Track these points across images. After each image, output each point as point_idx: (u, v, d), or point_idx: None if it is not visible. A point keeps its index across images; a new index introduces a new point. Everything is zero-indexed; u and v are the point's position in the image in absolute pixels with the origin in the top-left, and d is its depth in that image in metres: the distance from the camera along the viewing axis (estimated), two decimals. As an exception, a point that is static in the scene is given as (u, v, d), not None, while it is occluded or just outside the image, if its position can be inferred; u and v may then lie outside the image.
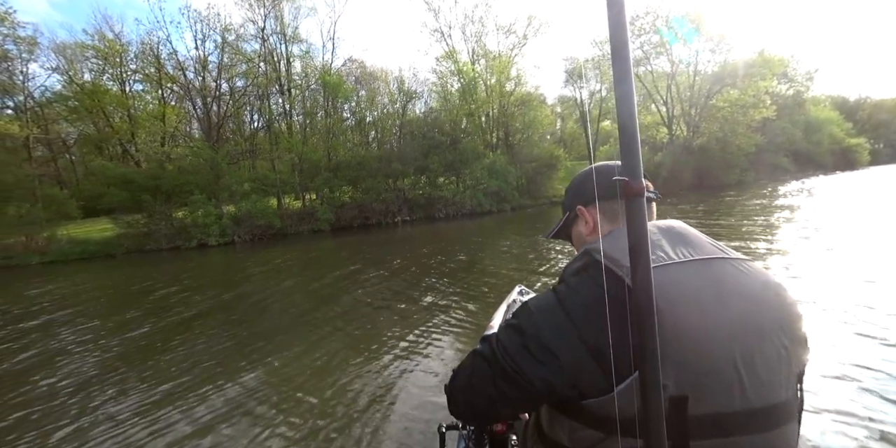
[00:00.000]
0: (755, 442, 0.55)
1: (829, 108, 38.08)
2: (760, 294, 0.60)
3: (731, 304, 0.57)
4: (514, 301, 2.08)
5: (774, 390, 0.57)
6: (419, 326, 3.92)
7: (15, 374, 3.64)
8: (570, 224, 0.83)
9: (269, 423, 2.48)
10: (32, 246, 13.35)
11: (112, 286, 8.01)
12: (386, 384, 2.84)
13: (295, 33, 20.63)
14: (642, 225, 0.49)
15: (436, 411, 2.42)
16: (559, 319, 0.60)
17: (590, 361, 0.56)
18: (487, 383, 0.65)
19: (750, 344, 0.56)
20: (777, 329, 0.58)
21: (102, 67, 22.84)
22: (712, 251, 0.63)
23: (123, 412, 2.75)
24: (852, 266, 4.45)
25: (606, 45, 24.27)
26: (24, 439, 2.53)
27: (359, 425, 2.37)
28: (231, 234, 14.71)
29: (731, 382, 0.55)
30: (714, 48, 23.02)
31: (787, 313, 0.60)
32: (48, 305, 6.55)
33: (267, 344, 3.85)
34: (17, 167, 14.74)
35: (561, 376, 0.58)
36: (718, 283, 0.59)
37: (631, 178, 0.49)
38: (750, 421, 0.55)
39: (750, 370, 0.55)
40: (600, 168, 0.75)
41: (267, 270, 8.34)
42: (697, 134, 23.52)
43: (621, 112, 0.49)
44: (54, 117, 24.38)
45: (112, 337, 4.51)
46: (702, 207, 12.38)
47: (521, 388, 0.61)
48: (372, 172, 17.33)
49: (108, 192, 15.80)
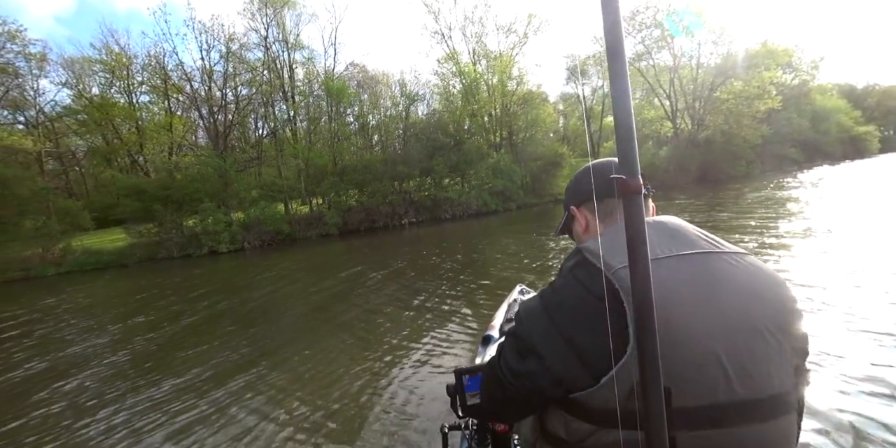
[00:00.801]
0: (747, 433, 0.56)
1: (837, 96, 37.45)
2: (752, 288, 0.60)
3: (718, 298, 0.58)
4: (515, 300, 2.11)
5: (764, 383, 0.57)
6: (422, 327, 3.98)
7: (37, 376, 3.77)
8: (570, 222, 0.85)
9: (272, 421, 2.52)
10: (48, 258, 13.64)
11: (126, 294, 8.19)
12: (389, 384, 2.86)
13: (297, 40, 20.85)
14: (640, 223, 0.49)
15: (438, 411, 2.42)
16: (543, 322, 0.62)
17: (572, 357, 0.58)
18: (496, 388, 0.69)
19: (737, 337, 0.56)
20: (769, 323, 0.58)
21: (110, 81, 23.29)
22: (704, 246, 0.63)
23: (141, 403, 2.93)
24: (854, 257, 4.43)
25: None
26: (50, 433, 2.65)
27: (361, 425, 2.38)
28: (241, 240, 14.90)
29: (715, 375, 0.55)
30: (716, 40, 22.80)
31: (781, 307, 0.60)
32: (67, 314, 6.72)
33: (273, 346, 3.94)
34: (32, 181, 15.09)
35: (547, 377, 0.60)
36: (706, 277, 0.59)
37: (628, 175, 0.48)
38: (738, 413, 0.56)
39: (736, 363, 0.55)
40: (596, 166, 0.76)
41: (276, 275, 8.47)
42: (702, 127, 23.31)
43: (618, 110, 0.48)
44: (64, 131, 24.91)
45: (126, 342, 4.67)
46: (701, 201, 12.32)
47: (518, 391, 0.64)
48: (378, 176, 17.45)
49: (120, 202, 16.11)
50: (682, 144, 22.95)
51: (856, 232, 5.63)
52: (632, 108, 0.49)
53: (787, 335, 0.59)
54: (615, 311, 0.55)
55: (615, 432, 0.56)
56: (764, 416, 0.57)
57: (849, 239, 5.30)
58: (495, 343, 1.62)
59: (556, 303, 0.63)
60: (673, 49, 23.11)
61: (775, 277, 0.63)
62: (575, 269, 0.65)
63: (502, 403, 0.70)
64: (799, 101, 29.49)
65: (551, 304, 0.63)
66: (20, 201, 13.42)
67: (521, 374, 0.63)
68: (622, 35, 0.48)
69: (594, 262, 0.60)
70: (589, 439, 0.60)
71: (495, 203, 18.43)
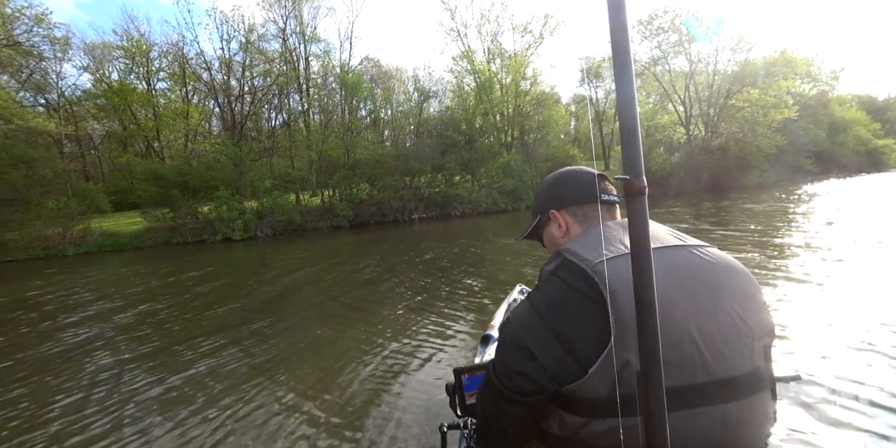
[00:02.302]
0: (726, 411, 0.59)
1: (856, 108, 36.95)
2: (715, 275, 0.65)
3: (685, 285, 0.62)
4: (515, 300, 2.14)
5: (737, 362, 0.60)
6: (421, 324, 3.99)
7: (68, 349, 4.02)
8: (541, 226, 0.87)
9: (266, 414, 2.53)
10: (68, 238, 14.05)
11: (147, 275, 8.47)
12: (387, 382, 2.85)
13: (314, 33, 21.05)
14: (644, 224, 0.49)
15: (438, 410, 2.41)
16: (532, 320, 0.65)
17: (561, 351, 0.61)
18: (495, 402, 0.70)
19: (707, 320, 0.60)
20: (736, 306, 0.63)
21: (130, 66, 23.71)
22: (669, 240, 0.69)
23: (154, 386, 3.05)
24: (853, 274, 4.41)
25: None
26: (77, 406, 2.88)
27: (360, 424, 2.36)
28: (254, 228, 15.22)
29: (691, 356, 0.58)
30: (735, 47, 22.64)
31: (744, 292, 0.65)
32: (92, 291, 7.03)
33: (274, 338, 3.97)
34: (55, 163, 15.51)
35: (541, 372, 0.62)
36: (673, 267, 0.64)
37: (633, 176, 0.49)
38: (715, 392, 0.59)
39: (709, 344, 0.59)
40: (574, 171, 0.80)
41: (288, 263, 8.70)
42: (716, 134, 23.19)
43: (623, 112, 0.49)
44: (83, 115, 25.42)
45: (141, 323, 4.88)
46: (694, 211, 12.27)
47: (514, 394, 0.65)
48: (390, 170, 17.66)
49: (138, 186, 16.49)
50: (695, 151, 22.86)
51: (863, 250, 5.55)
52: (637, 112, 0.50)
53: (754, 317, 0.63)
54: (596, 303, 0.59)
55: (606, 421, 0.59)
56: (738, 395, 0.60)
57: (853, 254, 5.29)
58: (494, 343, 1.64)
59: (542, 301, 0.66)
60: (690, 55, 23.00)
61: (738, 266, 0.68)
62: (557, 270, 0.67)
63: (497, 415, 0.71)
64: (816, 112, 29.15)
65: (537, 303, 0.66)
66: (44, 182, 13.83)
67: (515, 374, 0.65)
68: (628, 38, 0.49)
69: (574, 260, 0.65)
70: (581, 431, 0.62)
71: (505, 202, 18.58)
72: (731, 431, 0.60)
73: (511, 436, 0.74)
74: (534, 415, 0.68)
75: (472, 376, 0.96)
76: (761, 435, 0.63)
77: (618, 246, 0.65)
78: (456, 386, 0.97)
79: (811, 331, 2.99)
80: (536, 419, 0.69)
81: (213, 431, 2.41)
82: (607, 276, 0.59)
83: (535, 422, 0.69)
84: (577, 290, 0.62)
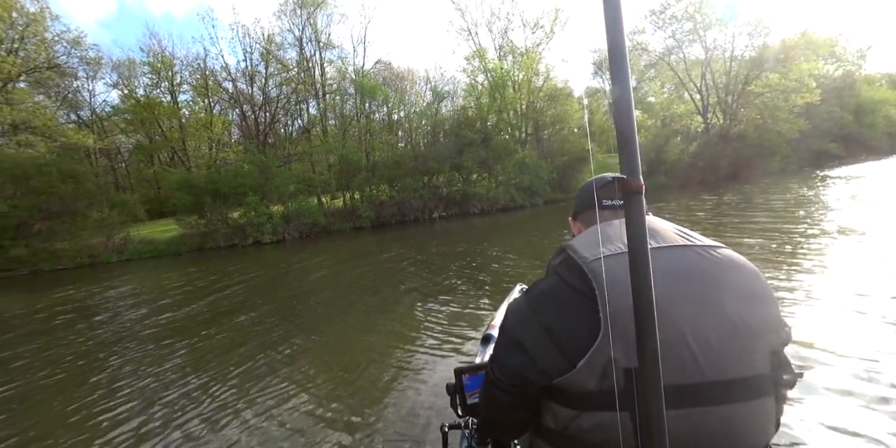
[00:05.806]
0: (722, 413, 0.58)
1: (886, 87, 35.33)
2: (717, 275, 0.63)
3: (684, 285, 0.61)
4: (515, 299, 2.27)
5: (736, 365, 0.59)
6: (427, 323, 4.07)
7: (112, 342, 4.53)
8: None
9: (264, 413, 2.61)
10: (111, 246, 15.00)
11: (192, 278, 9.09)
12: (388, 381, 2.89)
13: (328, 40, 21.63)
14: (641, 223, 0.49)
15: (438, 410, 2.43)
16: (525, 315, 0.67)
17: (551, 345, 0.62)
18: (492, 395, 0.73)
19: (703, 321, 0.59)
20: (739, 309, 0.61)
21: (156, 81, 24.85)
22: (675, 240, 0.68)
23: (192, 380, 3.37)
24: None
25: (634, 36, 23.99)
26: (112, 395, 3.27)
27: (359, 423, 2.39)
28: (282, 232, 15.89)
29: (681, 356, 0.57)
30: (752, 32, 22.13)
31: (751, 295, 0.63)
32: (138, 295, 7.65)
33: (287, 335, 4.20)
34: (96, 177, 16.55)
35: (533, 367, 0.63)
36: (673, 266, 0.63)
37: (629, 176, 0.49)
38: (710, 393, 0.58)
39: (704, 345, 0.58)
40: (591, 180, 0.80)
41: (311, 264, 9.24)
42: (735, 121, 22.73)
43: (618, 113, 0.49)
44: (112, 129, 26.79)
45: (179, 319, 5.35)
46: (711, 203, 12.12)
47: (508, 388, 0.68)
48: (409, 171, 18.09)
49: (171, 195, 17.40)
50: (713, 140, 22.46)
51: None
52: (633, 111, 0.50)
53: (758, 318, 0.61)
54: (588, 298, 0.60)
55: (596, 414, 0.60)
56: (735, 398, 0.59)
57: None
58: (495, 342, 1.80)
59: (535, 297, 0.68)
60: (705, 42, 22.59)
61: (748, 267, 0.66)
62: (559, 266, 0.70)
63: (497, 406, 0.73)
64: (842, 93, 28.11)
65: (532, 297, 0.69)
66: (89, 195, 14.82)
67: (509, 367, 0.67)
68: (623, 33, 0.49)
69: (573, 256, 0.67)
70: (572, 424, 0.63)
71: (522, 198, 18.79)
72: (723, 434, 0.59)
73: (510, 428, 0.77)
74: (530, 407, 0.69)
75: (473, 376, 0.97)
76: (758, 440, 0.62)
77: (617, 245, 0.66)
78: (456, 386, 0.98)
79: (824, 327, 2.90)
80: (534, 412, 0.70)
81: (213, 420, 2.60)
82: (603, 273, 0.59)
83: (533, 414, 0.70)
84: (571, 285, 0.64)
